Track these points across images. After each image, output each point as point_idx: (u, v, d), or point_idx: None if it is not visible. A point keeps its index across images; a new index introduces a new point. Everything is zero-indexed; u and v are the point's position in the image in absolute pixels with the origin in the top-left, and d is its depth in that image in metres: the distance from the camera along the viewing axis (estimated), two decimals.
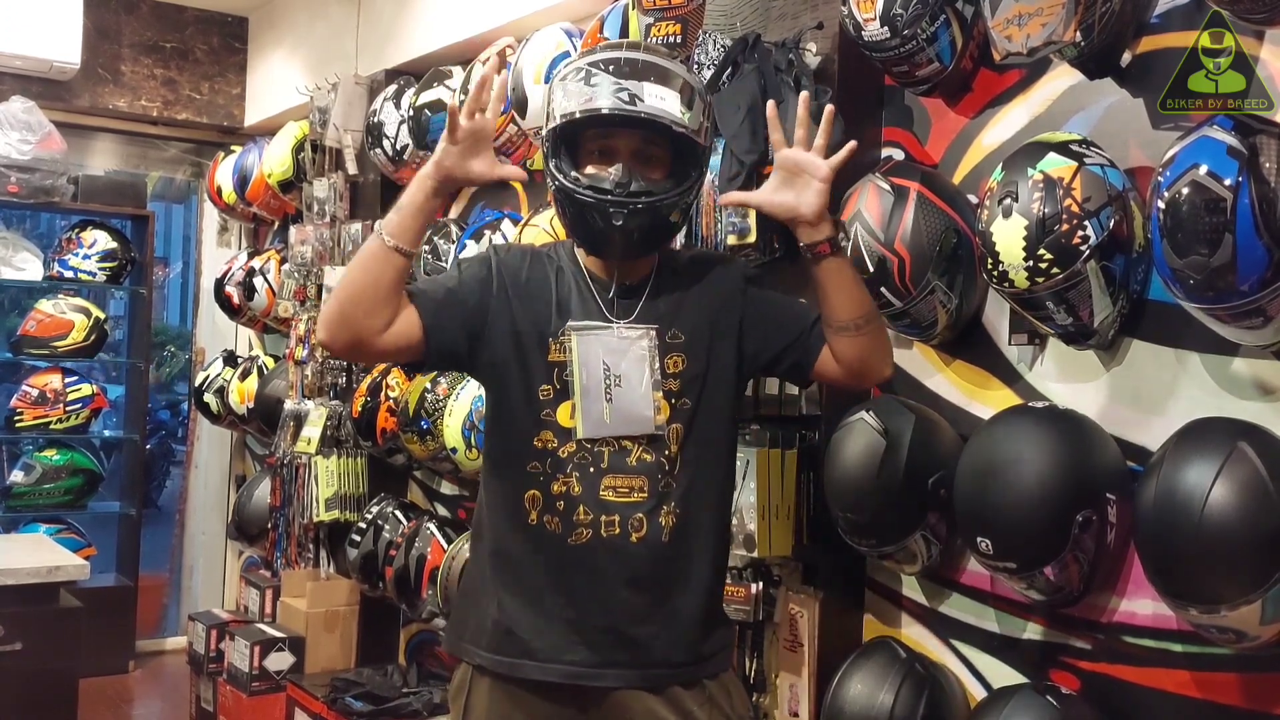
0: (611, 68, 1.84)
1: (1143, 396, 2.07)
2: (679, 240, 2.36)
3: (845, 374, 1.95)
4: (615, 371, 1.86)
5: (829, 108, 1.90)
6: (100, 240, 5.46)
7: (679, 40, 2.55)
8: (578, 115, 1.84)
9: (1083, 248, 1.90)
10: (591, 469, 1.86)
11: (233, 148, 5.37)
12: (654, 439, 1.87)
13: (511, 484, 1.90)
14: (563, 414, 1.88)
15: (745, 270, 2.04)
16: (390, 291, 1.82)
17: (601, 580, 1.85)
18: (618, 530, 1.85)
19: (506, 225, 3.40)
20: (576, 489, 1.85)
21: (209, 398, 5.26)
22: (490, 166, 1.88)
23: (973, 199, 2.29)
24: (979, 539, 2.02)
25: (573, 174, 1.86)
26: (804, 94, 2.10)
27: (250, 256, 5.18)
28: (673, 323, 1.92)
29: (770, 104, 1.93)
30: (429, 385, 3.60)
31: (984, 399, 2.33)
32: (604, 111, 1.82)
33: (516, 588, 1.89)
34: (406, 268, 1.84)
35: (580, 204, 1.84)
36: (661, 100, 1.82)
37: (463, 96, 1.89)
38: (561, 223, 1.94)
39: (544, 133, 1.91)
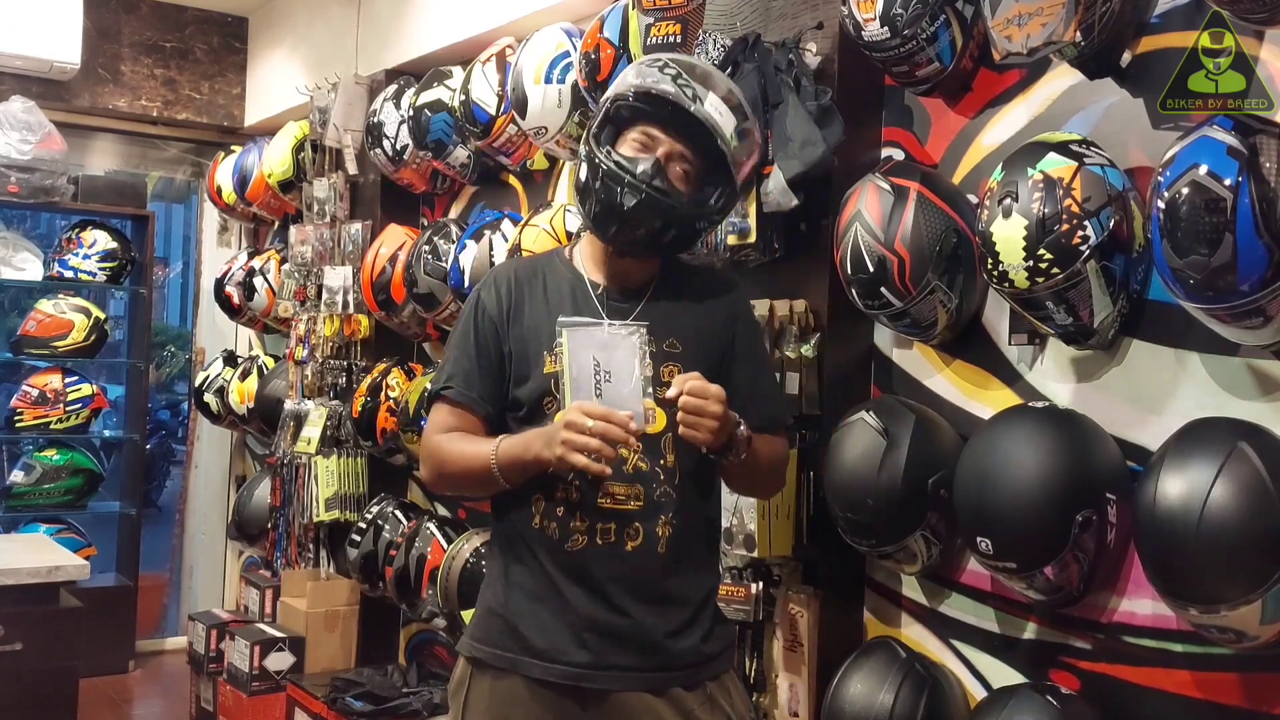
0: (685, 69, 1.92)
1: (1143, 396, 2.07)
2: None
3: (725, 481, 2.05)
4: (605, 367, 1.86)
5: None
6: (100, 240, 5.46)
7: (679, 40, 2.55)
8: (641, 90, 1.89)
9: (1083, 248, 1.90)
10: (589, 475, 1.85)
11: (233, 148, 5.36)
12: (650, 448, 1.87)
13: (516, 493, 1.91)
14: None
15: (741, 300, 2.07)
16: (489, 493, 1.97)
17: (599, 586, 1.85)
18: (614, 538, 1.86)
19: (506, 225, 3.40)
20: (575, 496, 1.87)
21: (209, 398, 5.25)
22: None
23: (973, 199, 2.28)
24: (979, 539, 2.02)
25: (607, 147, 1.91)
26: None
27: (250, 256, 5.18)
28: (670, 331, 1.92)
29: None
30: (429, 385, 3.60)
31: (984, 399, 2.33)
32: (670, 95, 1.88)
33: (520, 589, 1.90)
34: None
35: (601, 173, 1.88)
36: (719, 115, 1.89)
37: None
38: (575, 193, 1.96)
39: (599, 103, 1.98)
